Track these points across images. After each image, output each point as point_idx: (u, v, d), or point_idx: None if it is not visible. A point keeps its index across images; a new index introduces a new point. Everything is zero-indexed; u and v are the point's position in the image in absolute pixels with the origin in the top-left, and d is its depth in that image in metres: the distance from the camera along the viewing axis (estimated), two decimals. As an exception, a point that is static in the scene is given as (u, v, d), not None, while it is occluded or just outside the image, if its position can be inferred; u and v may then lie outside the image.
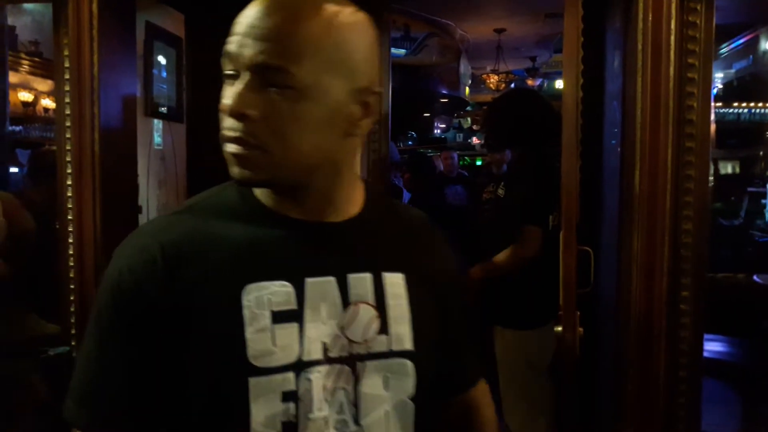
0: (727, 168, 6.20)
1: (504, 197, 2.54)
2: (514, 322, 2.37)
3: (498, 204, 2.58)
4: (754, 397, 2.82)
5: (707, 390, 1.74)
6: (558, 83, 8.92)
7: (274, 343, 0.71)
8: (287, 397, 0.70)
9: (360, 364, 0.74)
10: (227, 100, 0.70)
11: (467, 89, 9.28)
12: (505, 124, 2.58)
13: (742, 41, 5.68)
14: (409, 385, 0.77)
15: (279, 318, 0.72)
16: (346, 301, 0.75)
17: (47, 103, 5.00)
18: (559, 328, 1.72)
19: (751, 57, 5.76)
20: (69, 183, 1.92)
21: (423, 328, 0.80)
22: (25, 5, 4.33)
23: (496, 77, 7.69)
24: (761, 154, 5.90)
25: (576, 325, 1.70)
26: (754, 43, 5.61)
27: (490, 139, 2.94)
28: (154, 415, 0.73)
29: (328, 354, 0.73)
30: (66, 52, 1.90)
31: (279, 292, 0.72)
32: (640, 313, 1.62)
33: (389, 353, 0.76)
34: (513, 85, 7.91)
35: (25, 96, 4.89)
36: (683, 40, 1.59)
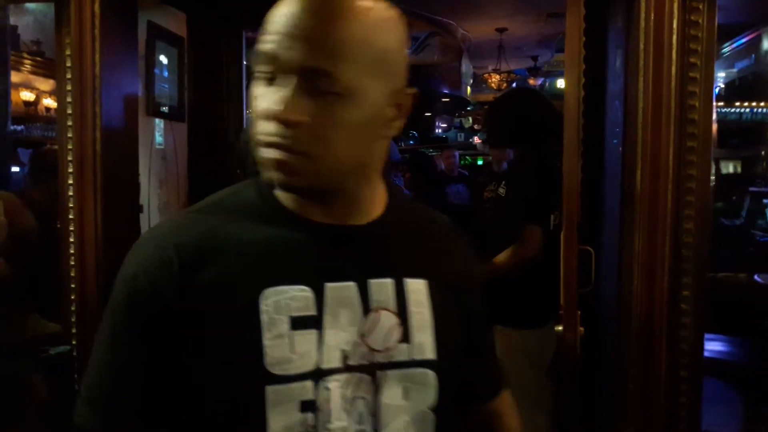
0: (729, 168, 6.19)
1: (505, 196, 2.54)
2: (515, 322, 2.37)
3: (499, 203, 2.57)
4: (755, 397, 2.82)
5: (708, 390, 1.74)
6: (560, 83, 8.91)
7: (293, 350, 0.68)
8: (305, 406, 0.68)
9: (380, 373, 0.72)
10: (273, 105, 0.67)
11: (469, 89, 9.26)
12: (506, 124, 2.58)
13: (744, 41, 5.67)
14: (430, 395, 0.74)
15: (298, 324, 0.69)
16: (366, 307, 0.73)
17: (49, 102, 5.01)
18: (559, 328, 1.72)
19: (753, 56, 5.76)
20: (70, 182, 1.93)
21: (446, 337, 0.77)
22: (27, 5, 4.34)
23: (497, 77, 7.68)
24: (763, 153, 5.89)
25: (577, 324, 1.70)
26: (756, 42, 5.60)
27: (491, 138, 2.94)
28: (166, 421, 0.71)
29: (347, 362, 0.70)
30: (68, 52, 1.90)
31: (298, 297, 0.70)
32: (641, 313, 1.62)
33: (411, 362, 0.74)
34: (515, 84, 7.91)
35: (27, 95, 4.90)
36: (685, 40, 1.58)
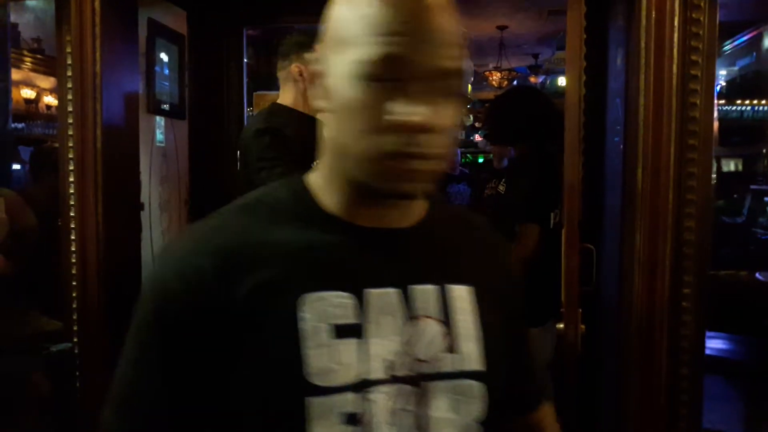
0: (730, 166, 6.18)
1: (504, 194, 2.54)
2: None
3: (499, 200, 2.57)
4: (756, 395, 2.82)
5: (709, 387, 1.74)
6: (561, 80, 8.89)
7: (335, 360, 0.65)
8: (349, 419, 0.64)
9: (427, 385, 0.68)
10: (413, 113, 0.63)
11: (469, 86, 9.26)
12: (507, 121, 2.58)
13: (745, 38, 5.66)
14: (478, 408, 0.71)
15: (339, 332, 0.66)
16: (409, 315, 0.69)
17: (50, 100, 5.02)
18: (561, 326, 1.72)
19: (754, 54, 5.75)
20: (71, 180, 1.93)
21: (493, 347, 0.74)
22: (28, 2, 4.34)
23: (498, 74, 7.67)
24: (764, 151, 5.88)
25: (578, 322, 1.70)
26: (757, 40, 5.59)
27: (492, 136, 2.94)
28: (197, 431, 0.69)
29: (392, 373, 0.67)
30: (68, 50, 1.90)
31: (339, 304, 0.66)
32: (642, 311, 1.62)
33: (458, 373, 0.70)
34: (515, 82, 7.90)
35: (28, 93, 4.90)
36: (686, 38, 1.58)
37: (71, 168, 1.92)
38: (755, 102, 5.82)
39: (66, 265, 1.94)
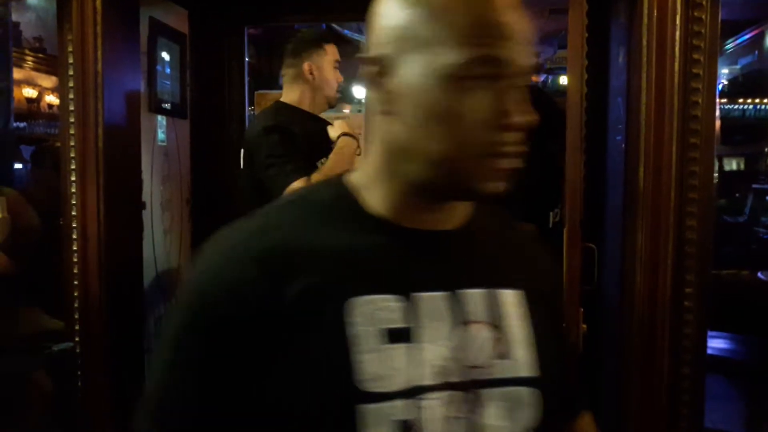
0: (732, 164, 6.18)
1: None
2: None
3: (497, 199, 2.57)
4: (757, 394, 2.82)
5: (710, 387, 1.74)
6: (562, 79, 8.88)
7: (385, 366, 0.62)
8: (401, 427, 0.61)
9: (479, 392, 0.66)
10: (516, 113, 0.63)
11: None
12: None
13: (747, 37, 5.65)
14: (531, 415, 0.68)
15: (389, 337, 0.63)
16: (459, 319, 0.67)
17: (51, 99, 5.02)
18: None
19: (756, 53, 5.74)
20: (73, 179, 1.93)
21: (545, 352, 0.72)
22: (30, 1, 4.34)
23: (499, 73, 7.67)
24: (766, 150, 5.88)
25: (580, 321, 1.70)
26: (759, 38, 5.58)
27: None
28: None
29: (445, 379, 0.64)
30: (70, 49, 1.91)
31: (388, 308, 0.64)
32: (644, 310, 1.62)
33: (511, 380, 0.68)
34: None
35: (30, 92, 4.91)
36: (688, 36, 1.58)
37: (73, 167, 1.92)
38: (757, 101, 5.82)
39: (67, 264, 1.95)
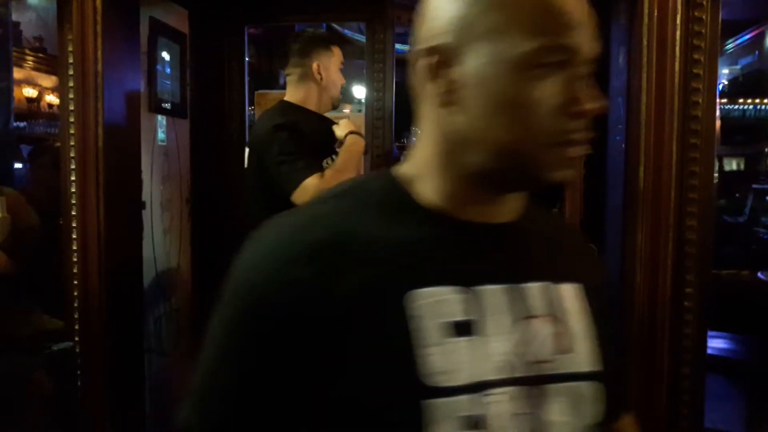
0: (732, 165, 6.18)
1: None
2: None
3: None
4: (757, 395, 2.82)
5: (710, 387, 1.74)
6: (562, 79, 8.89)
7: (450, 360, 0.60)
8: (468, 423, 0.59)
9: (543, 387, 0.64)
10: (591, 100, 0.62)
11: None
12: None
13: (748, 37, 5.65)
14: (594, 410, 0.67)
15: (452, 330, 0.61)
16: (520, 313, 0.65)
17: (51, 99, 5.02)
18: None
19: (756, 53, 5.75)
20: (73, 179, 1.93)
21: (605, 346, 0.71)
22: (30, 1, 4.35)
23: (500, 73, 7.68)
24: (766, 150, 5.88)
25: (579, 321, 1.70)
26: (760, 39, 5.59)
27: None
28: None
29: (509, 374, 0.63)
30: (70, 48, 1.91)
31: (449, 301, 0.62)
32: (644, 310, 1.62)
33: (574, 375, 0.67)
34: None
35: (30, 92, 4.91)
36: (689, 36, 1.58)
37: (73, 167, 1.93)
38: (757, 101, 5.82)
39: (67, 264, 1.95)
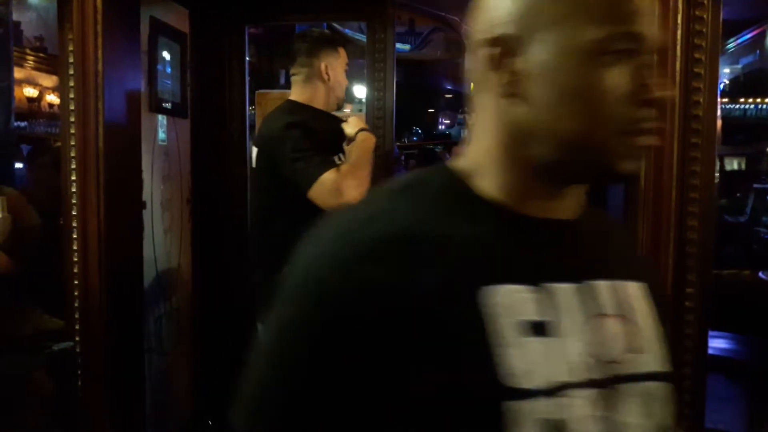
0: (733, 164, 6.18)
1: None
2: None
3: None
4: (758, 395, 2.82)
5: (712, 387, 1.73)
6: (563, 79, 8.89)
7: (527, 360, 0.58)
8: (548, 426, 0.57)
9: (618, 388, 0.62)
10: (662, 88, 0.61)
11: (472, 84, 9.27)
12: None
13: (749, 36, 5.64)
14: (667, 411, 0.66)
15: (528, 330, 0.59)
16: (592, 312, 0.64)
17: (52, 98, 5.02)
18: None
19: (758, 52, 5.74)
20: (73, 178, 1.93)
21: (669, 346, 0.69)
22: (30, 1, 4.35)
23: (500, 73, 7.67)
24: (767, 150, 5.87)
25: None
26: (761, 38, 5.58)
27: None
28: None
29: (585, 376, 0.61)
30: (70, 48, 1.90)
31: (523, 299, 0.60)
32: (645, 310, 1.62)
33: (646, 375, 0.65)
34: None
35: (30, 92, 4.91)
36: (690, 35, 1.58)
37: (73, 166, 1.92)
38: (759, 100, 5.81)
39: (68, 264, 1.95)
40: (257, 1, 2.83)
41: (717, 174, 1.66)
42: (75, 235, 1.93)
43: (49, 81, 4.94)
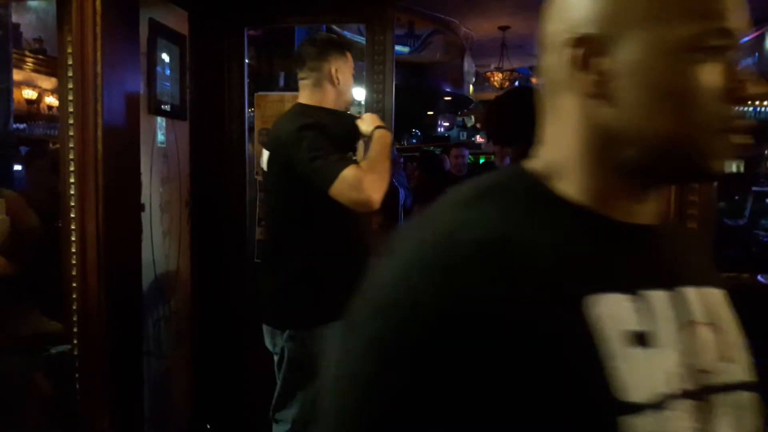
0: (732, 167, 6.17)
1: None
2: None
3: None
4: (758, 397, 2.81)
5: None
6: (562, 81, 8.89)
7: (634, 373, 0.56)
8: None
9: (711, 399, 0.61)
10: (751, 85, 0.60)
11: (471, 87, 9.27)
12: (505, 122, 2.58)
13: (747, 39, 5.65)
14: (756, 423, 0.64)
15: (631, 340, 0.57)
16: (683, 320, 0.62)
17: (51, 100, 5.02)
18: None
19: (756, 55, 5.74)
20: (72, 181, 1.93)
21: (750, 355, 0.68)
22: (30, 3, 4.35)
23: (500, 75, 7.68)
24: (766, 153, 5.88)
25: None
26: (759, 40, 5.59)
27: (492, 136, 2.95)
28: None
29: (682, 386, 0.58)
30: (69, 50, 1.90)
31: (623, 308, 0.58)
32: (644, 313, 1.62)
33: (737, 385, 0.63)
34: (517, 82, 7.90)
35: (29, 94, 4.91)
36: (689, 39, 1.58)
37: (72, 168, 1.92)
38: (757, 103, 5.81)
39: (66, 266, 1.94)
40: (256, 3, 2.83)
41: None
42: (73, 238, 1.93)
43: (48, 83, 4.94)
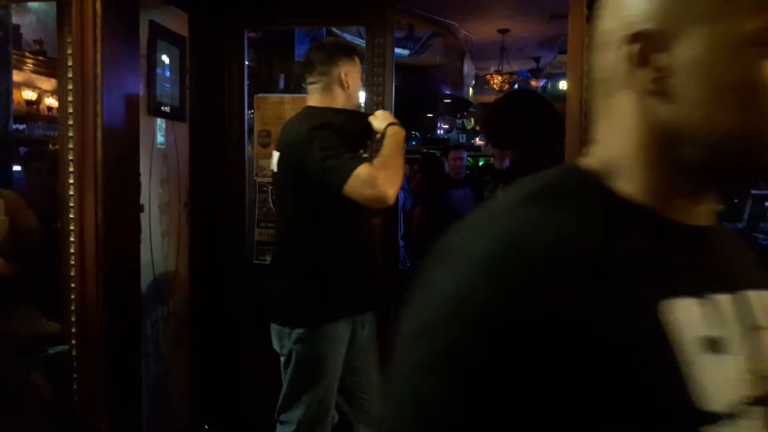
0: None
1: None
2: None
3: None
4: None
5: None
6: (562, 84, 8.91)
7: (710, 380, 0.54)
8: None
9: None
10: None
11: (471, 90, 9.27)
12: (505, 125, 2.58)
13: None
14: None
15: (705, 346, 0.55)
16: (748, 324, 0.60)
17: (51, 101, 5.02)
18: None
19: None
20: (71, 182, 1.93)
21: None
22: (30, 4, 4.35)
23: (499, 78, 7.68)
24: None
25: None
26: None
27: (491, 139, 2.95)
28: None
29: (751, 392, 0.57)
30: (69, 51, 1.91)
31: (695, 313, 0.56)
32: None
33: None
34: (516, 85, 7.91)
35: (29, 95, 4.91)
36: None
37: (71, 169, 1.92)
38: None
39: (65, 267, 1.94)
40: (256, 5, 2.83)
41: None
42: (72, 238, 1.93)
43: (48, 84, 4.94)
